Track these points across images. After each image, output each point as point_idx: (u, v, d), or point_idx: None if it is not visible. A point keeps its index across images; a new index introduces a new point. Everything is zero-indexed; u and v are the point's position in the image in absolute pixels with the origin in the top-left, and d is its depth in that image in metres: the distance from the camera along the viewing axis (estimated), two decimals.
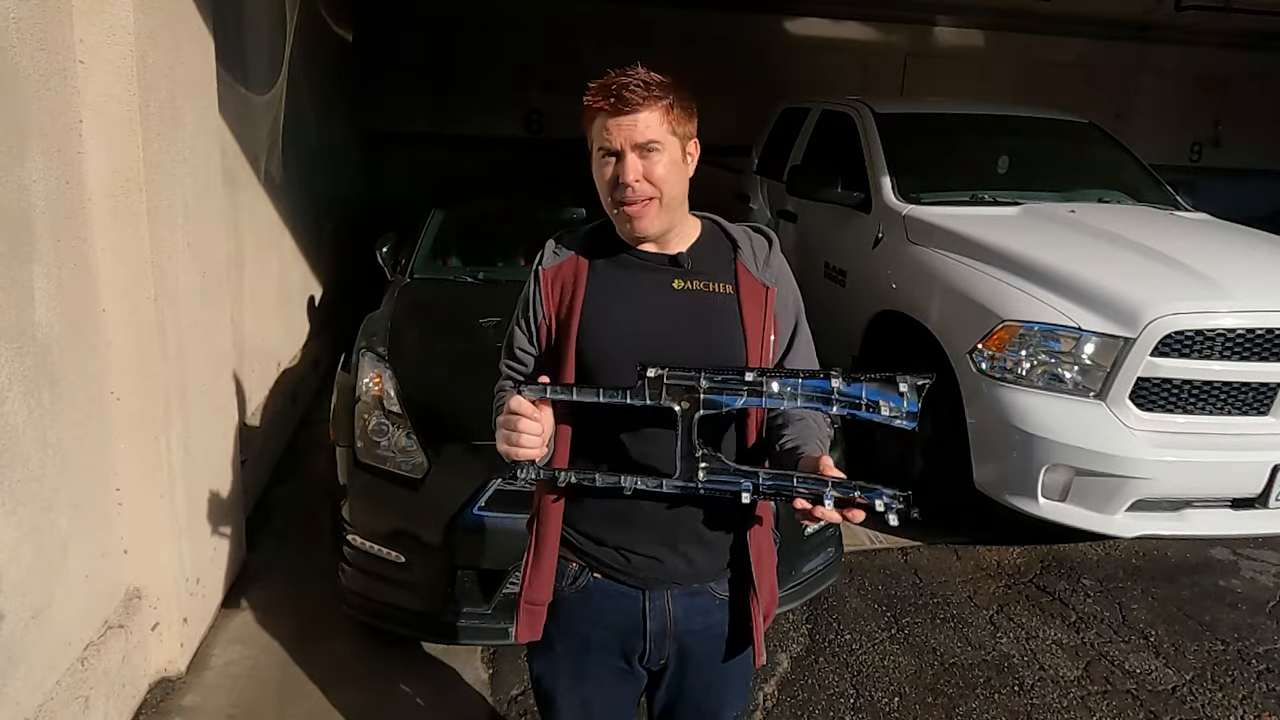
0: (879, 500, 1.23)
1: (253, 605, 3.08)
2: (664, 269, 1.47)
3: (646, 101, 1.36)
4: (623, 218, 1.42)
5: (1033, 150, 5.12)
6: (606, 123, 1.38)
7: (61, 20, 2.15)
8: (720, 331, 1.45)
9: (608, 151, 1.39)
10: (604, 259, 1.50)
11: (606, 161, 1.40)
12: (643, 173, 1.37)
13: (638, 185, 1.37)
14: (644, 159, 1.38)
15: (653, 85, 1.37)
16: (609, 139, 1.38)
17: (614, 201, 1.41)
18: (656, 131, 1.37)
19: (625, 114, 1.36)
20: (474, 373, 2.55)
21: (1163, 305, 3.24)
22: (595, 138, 1.41)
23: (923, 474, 3.88)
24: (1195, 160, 10.01)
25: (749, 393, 1.30)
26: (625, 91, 1.36)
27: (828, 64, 8.52)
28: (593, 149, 1.43)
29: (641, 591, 1.49)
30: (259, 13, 4.15)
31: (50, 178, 2.09)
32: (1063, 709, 2.77)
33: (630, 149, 1.37)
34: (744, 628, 1.55)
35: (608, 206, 1.44)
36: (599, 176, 1.42)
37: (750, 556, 1.51)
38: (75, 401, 2.23)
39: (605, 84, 1.39)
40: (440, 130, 8.21)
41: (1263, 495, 3.34)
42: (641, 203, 1.39)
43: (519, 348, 1.54)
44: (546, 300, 1.49)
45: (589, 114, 1.41)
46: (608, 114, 1.37)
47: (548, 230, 1.62)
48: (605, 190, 1.42)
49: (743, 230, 1.55)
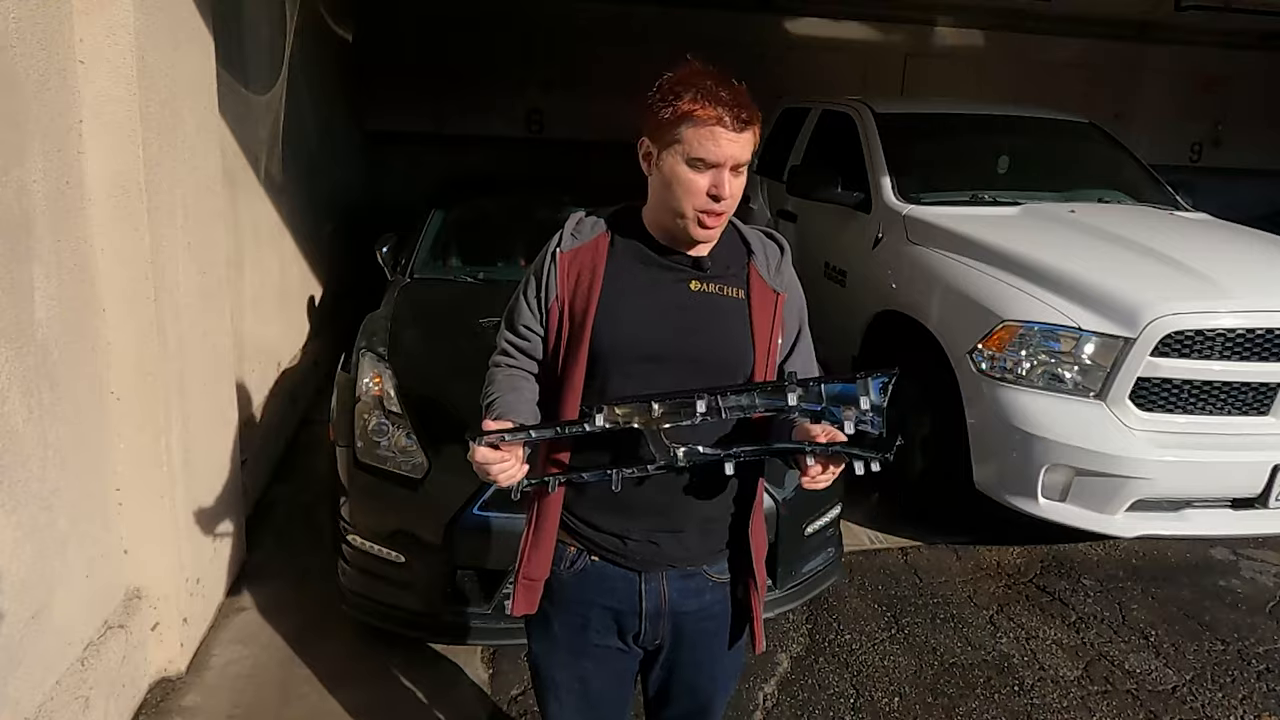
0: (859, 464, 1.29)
1: (253, 605, 3.08)
2: (684, 270, 1.49)
3: (753, 121, 1.39)
4: (695, 225, 1.42)
5: (1033, 150, 5.11)
6: (717, 135, 1.36)
7: (61, 20, 2.15)
8: (731, 335, 1.48)
9: (707, 163, 1.37)
10: (625, 252, 1.50)
11: (699, 171, 1.38)
12: (730, 190, 1.39)
13: (728, 202, 1.39)
14: (735, 176, 1.40)
15: (753, 105, 1.39)
16: (714, 151, 1.36)
17: (695, 210, 1.41)
18: (749, 152, 1.40)
19: (740, 131, 1.37)
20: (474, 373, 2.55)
21: (1163, 305, 3.24)
22: (686, 142, 1.38)
23: (923, 474, 3.88)
24: (1195, 160, 10.00)
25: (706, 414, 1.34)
26: (740, 109, 1.36)
27: (828, 64, 8.51)
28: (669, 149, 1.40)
29: (638, 573, 1.53)
30: (259, 13, 4.15)
31: (50, 178, 2.09)
32: (1063, 709, 2.77)
33: (730, 166, 1.38)
34: (739, 610, 1.60)
35: (681, 211, 1.42)
36: (683, 182, 1.39)
37: (750, 542, 1.55)
38: (75, 401, 2.23)
39: (711, 92, 1.36)
40: (440, 130, 8.21)
41: (1263, 495, 3.34)
42: (722, 216, 1.42)
43: (524, 324, 1.55)
44: (562, 284, 1.49)
45: (682, 116, 1.37)
46: (720, 126, 1.36)
47: (548, 230, 1.61)
48: (687, 197, 1.40)
49: (758, 236, 1.58)
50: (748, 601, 1.59)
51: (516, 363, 1.57)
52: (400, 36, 7.81)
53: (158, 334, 2.46)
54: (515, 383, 1.55)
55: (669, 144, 1.40)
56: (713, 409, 1.33)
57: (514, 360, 1.57)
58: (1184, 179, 5.47)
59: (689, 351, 1.45)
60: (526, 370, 1.57)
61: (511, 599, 1.58)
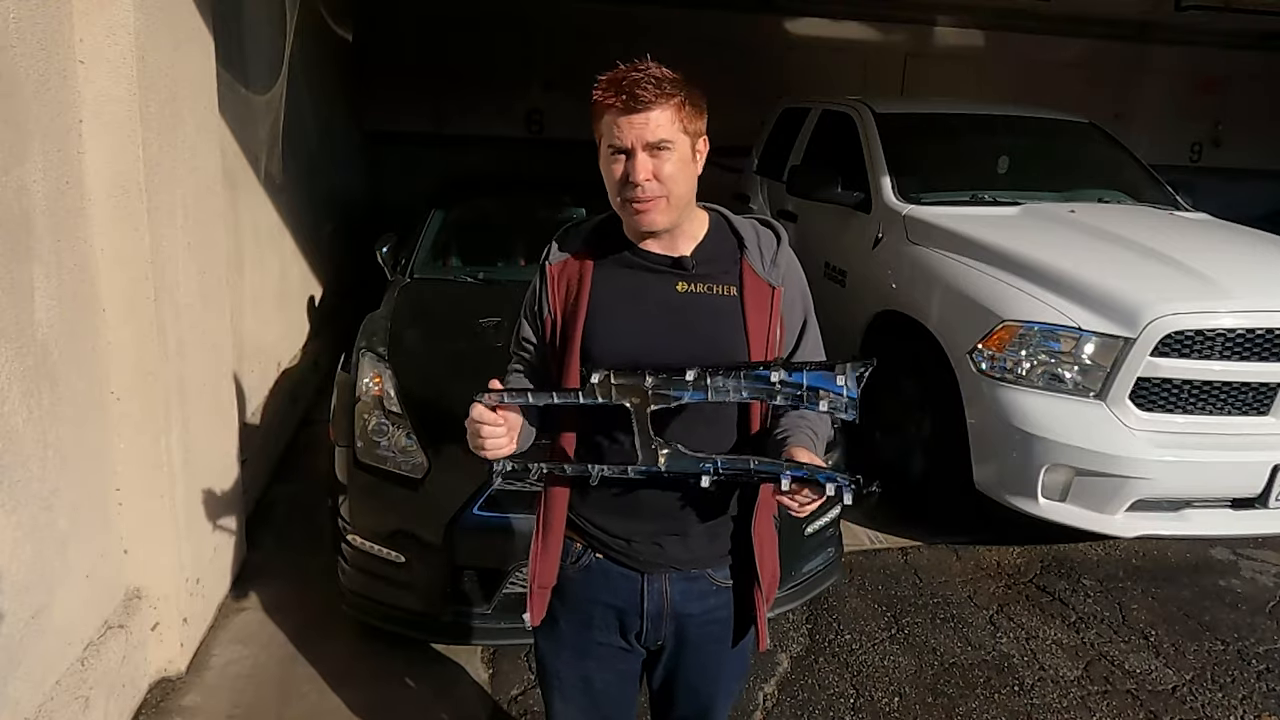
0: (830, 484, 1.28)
1: (253, 605, 3.08)
2: (668, 271, 1.47)
3: (658, 99, 1.34)
4: (630, 214, 1.42)
5: (1033, 150, 5.11)
6: (617, 120, 1.35)
7: (61, 20, 2.15)
8: (723, 334, 1.45)
9: (617, 149, 1.37)
10: (609, 258, 1.50)
11: (616, 159, 1.38)
12: (652, 171, 1.36)
13: (647, 184, 1.37)
14: (654, 157, 1.37)
15: (664, 82, 1.36)
16: (619, 137, 1.36)
17: (622, 199, 1.41)
18: (668, 130, 1.36)
19: (636, 112, 1.34)
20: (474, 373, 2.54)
21: (1163, 305, 3.24)
22: (604, 134, 1.39)
23: (923, 474, 3.88)
24: (1195, 160, 10.00)
25: (694, 388, 1.34)
26: (637, 89, 1.34)
27: (828, 64, 8.51)
28: (601, 144, 1.42)
29: (640, 574, 1.53)
30: (259, 13, 4.15)
31: (50, 178, 2.09)
32: (1063, 709, 2.77)
33: (641, 148, 1.36)
34: (743, 614, 1.60)
35: (615, 203, 1.44)
36: (607, 173, 1.41)
37: (753, 545, 1.54)
38: (75, 401, 2.23)
39: (616, 79, 1.36)
40: (440, 130, 8.21)
41: (1263, 495, 3.34)
42: (650, 201, 1.39)
43: (525, 340, 1.59)
44: (552, 296, 1.51)
45: (598, 109, 1.39)
46: (619, 111, 1.35)
47: (548, 230, 1.62)
48: (614, 187, 1.41)
49: (751, 226, 1.54)
50: (752, 602, 1.58)
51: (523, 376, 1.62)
52: (400, 36, 7.81)
53: (158, 334, 2.46)
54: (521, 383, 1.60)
55: (598, 139, 1.42)
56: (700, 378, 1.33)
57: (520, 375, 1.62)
58: (1184, 179, 5.47)
59: (680, 355, 1.42)
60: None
61: (529, 611, 1.59)
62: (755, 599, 1.57)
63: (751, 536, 1.54)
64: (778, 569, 1.64)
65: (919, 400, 3.90)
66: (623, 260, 1.49)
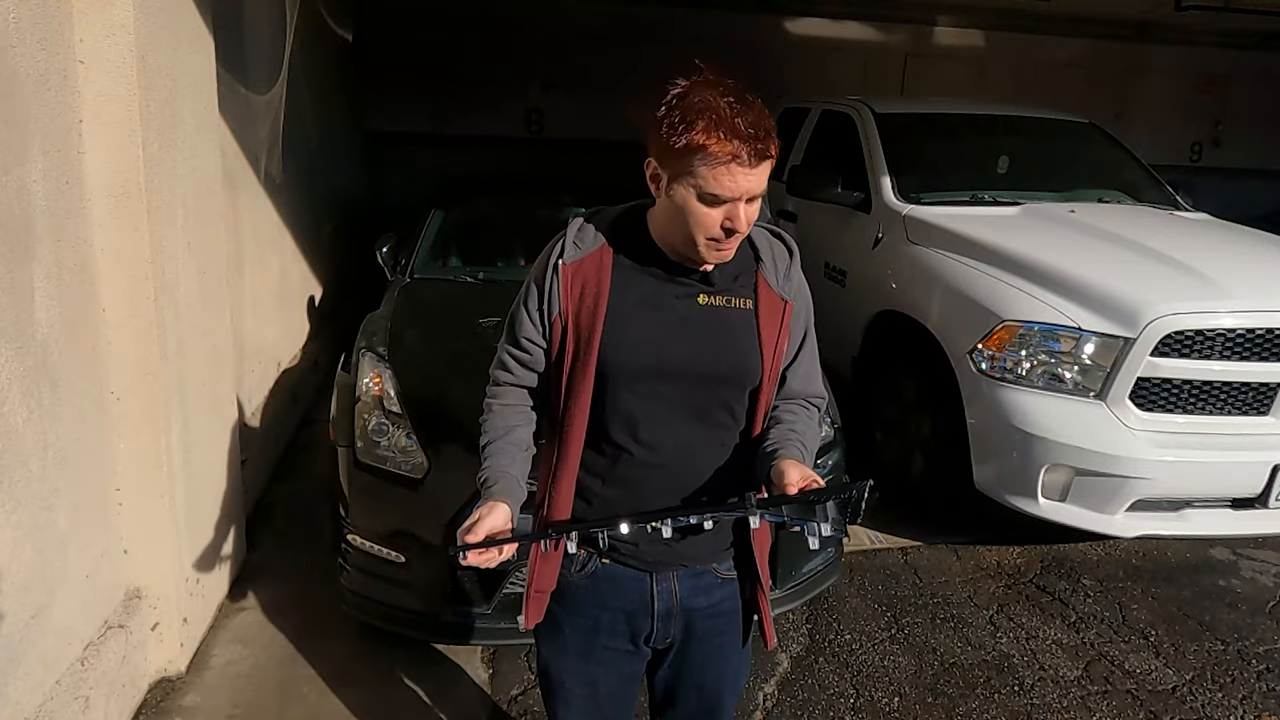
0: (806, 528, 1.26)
1: (253, 605, 3.08)
2: (692, 284, 1.45)
3: (769, 151, 1.30)
4: (707, 252, 1.37)
5: (1033, 150, 5.12)
6: (734, 172, 1.27)
7: (61, 20, 2.15)
8: (738, 346, 1.46)
9: (720, 199, 1.30)
10: (630, 263, 1.45)
11: (715, 206, 1.31)
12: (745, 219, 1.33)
13: (743, 232, 1.35)
14: (748, 205, 1.33)
15: (771, 127, 1.30)
16: (729, 188, 1.29)
17: (710, 241, 1.35)
18: (765, 179, 1.33)
19: (754, 166, 1.28)
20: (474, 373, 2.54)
21: (1163, 305, 3.24)
22: (702, 177, 1.29)
23: (923, 474, 3.88)
24: (1195, 160, 10.00)
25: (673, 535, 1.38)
26: (758, 140, 1.27)
27: (828, 64, 8.51)
28: (683, 179, 1.31)
29: (648, 574, 1.52)
30: (259, 13, 4.15)
31: (50, 178, 2.09)
32: (1063, 709, 2.77)
33: (745, 200, 1.32)
34: (746, 607, 1.61)
35: (692, 240, 1.36)
36: (695, 214, 1.32)
37: (753, 542, 1.55)
38: (75, 401, 2.23)
39: (729, 123, 1.25)
40: (440, 130, 8.21)
41: (1263, 495, 3.34)
42: (733, 243, 1.37)
43: (526, 337, 1.51)
44: (565, 297, 1.44)
45: (693, 149, 1.27)
46: (737, 164, 1.27)
47: (548, 230, 1.59)
48: (699, 230, 1.34)
49: (765, 238, 1.53)
50: (755, 598, 1.59)
51: (515, 380, 1.55)
52: (400, 36, 7.81)
53: (158, 334, 2.46)
54: (510, 420, 1.54)
55: (680, 174, 1.31)
56: (679, 528, 1.35)
57: (513, 378, 1.55)
58: (1184, 179, 5.47)
59: (698, 367, 1.43)
60: (525, 387, 1.55)
61: (524, 614, 1.57)
62: (758, 591, 1.59)
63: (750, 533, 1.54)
64: (767, 568, 1.64)
65: (919, 400, 3.90)
66: (645, 265, 1.45)
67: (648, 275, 1.45)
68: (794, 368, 1.57)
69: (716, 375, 1.45)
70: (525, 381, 1.55)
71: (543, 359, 1.52)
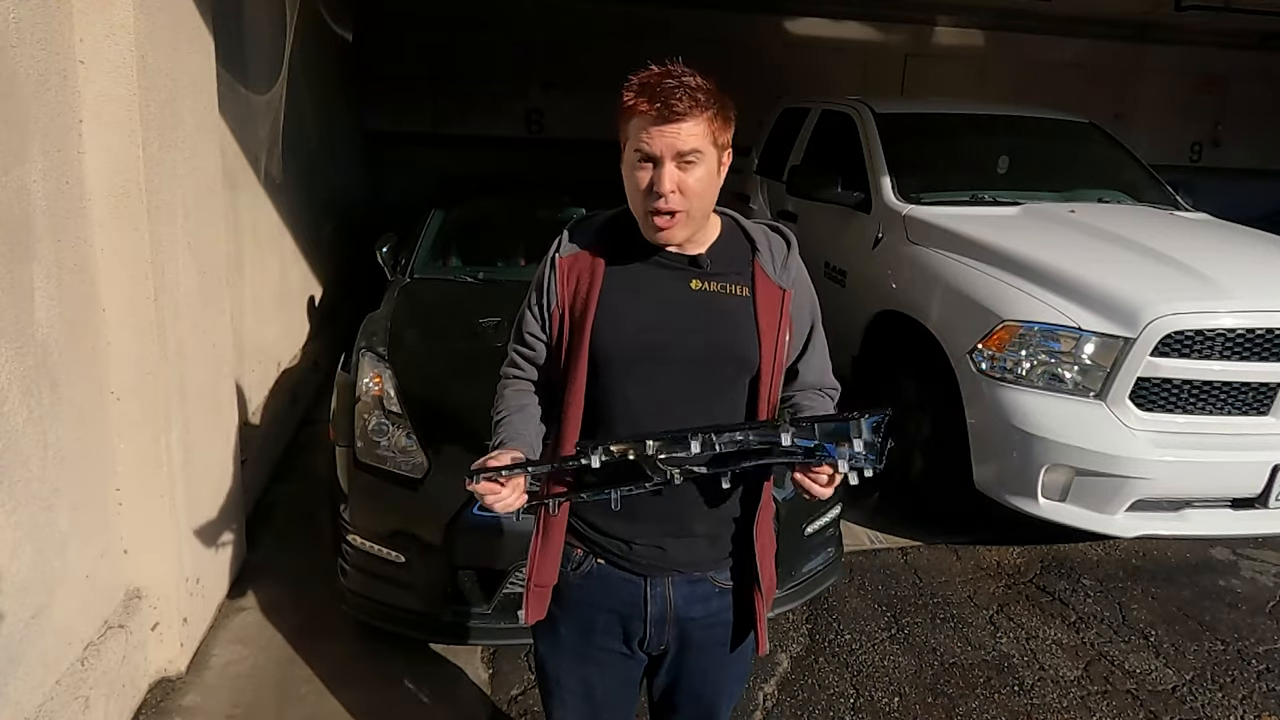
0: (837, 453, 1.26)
1: (253, 605, 3.08)
2: (682, 269, 1.47)
3: (692, 110, 1.33)
4: (650, 226, 1.41)
5: (1033, 150, 5.12)
6: (649, 128, 1.34)
7: (61, 20, 2.15)
8: (734, 333, 1.46)
9: (645, 156, 1.36)
10: (624, 253, 1.49)
11: (642, 166, 1.37)
12: (678, 183, 1.36)
13: (672, 196, 1.36)
14: (681, 168, 1.36)
15: (699, 92, 1.34)
16: (649, 145, 1.34)
17: (644, 209, 1.39)
18: (698, 141, 1.35)
19: (669, 122, 1.32)
20: (474, 373, 2.55)
21: (1163, 305, 3.24)
22: (631, 138, 1.37)
23: (923, 474, 3.88)
24: (1195, 160, 10.01)
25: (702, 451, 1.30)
26: (672, 99, 1.31)
27: (828, 64, 8.52)
28: (626, 147, 1.40)
29: (643, 578, 1.52)
30: (259, 13, 4.15)
31: (50, 178, 2.09)
32: (1063, 709, 2.77)
33: (670, 157, 1.34)
34: (744, 617, 1.59)
35: (637, 210, 1.42)
36: (631, 178, 1.39)
37: (755, 548, 1.54)
38: (75, 401, 2.23)
39: (650, 84, 1.34)
40: (440, 130, 8.22)
41: (1263, 495, 3.34)
42: (673, 215, 1.38)
43: (529, 333, 1.55)
44: (562, 289, 1.49)
45: (628, 112, 1.36)
46: (651, 119, 1.33)
47: (548, 230, 1.61)
48: (633, 194, 1.40)
49: (762, 230, 1.55)
50: (752, 605, 1.58)
51: (523, 374, 1.58)
52: (400, 36, 7.82)
53: (158, 334, 2.46)
54: (522, 400, 1.56)
55: (625, 141, 1.39)
56: (707, 445, 1.30)
57: (521, 372, 1.58)
58: (1184, 179, 5.47)
59: (690, 351, 1.44)
60: (532, 381, 1.58)
61: (524, 609, 1.57)
62: (755, 602, 1.57)
63: (753, 538, 1.54)
64: (774, 575, 1.63)
65: (919, 400, 3.90)
66: (637, 256, 1.48)
67: (640, 264, 1.48)
68: (805, 360, 1.57)
69: (710, 359, 1.45)
70: (530, 377, 1.59)
71: (545, 353, 1.55)
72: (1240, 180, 9.38)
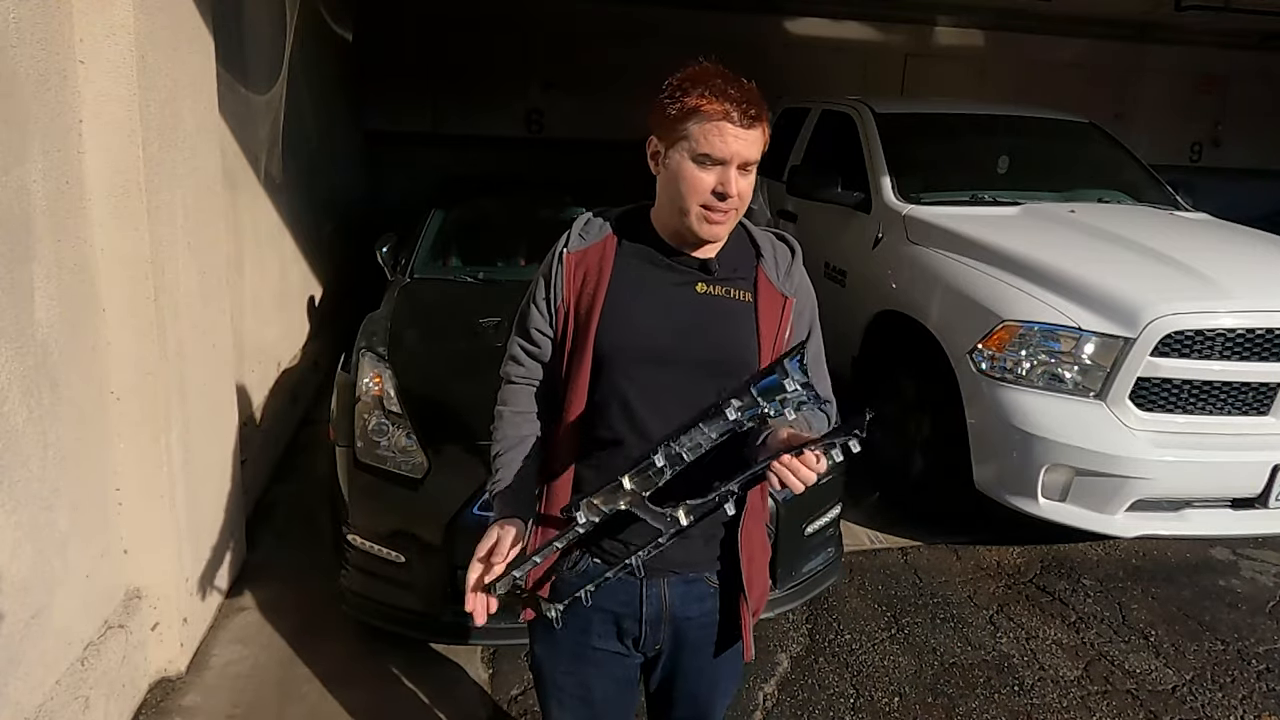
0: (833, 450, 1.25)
1: (253, 605, 3.08)
2: (691, 271, 1.48)
3: (760, 118, 1.37)
4: (701, 222, 1.41)
5: (1033, 150, 5.12)
6: (724, 131, 1.35)
7: (61, 20, 2.15)
8: (736, 338, 1.47)
9: (712, 159, 1.37)
10: (632, 253, 1.49)
11: (708, 168, 1.38)
12: (738, 187, 1.38)
13: (735, 200, 1.38)
14: (741, 174, 1.38)
15: (763, 104, 1.38)
16: (721, 149, 1.35)
17: (701, 208, 1.40)
18: (758, 150, 1.39)
19: (744, 128, 1.35)
20: (474, 373, 2.55)
21: (1163, 305, 3.24)
22: (695, 138, 1.37)
23: (923, 474, 3.88)
24: (1195, 160, 10.01)
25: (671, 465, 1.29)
26: (748, 105, 1.35)
27: (828, 64, 8.52)
28: (675, 144, 1.39)
29: (639, 579, 1.51)
30: (259, 13, 4.15)
31: (50, 178, 2.09)
32: (1063, 709, 2.77)
33: (737, 163, 1.37)
34: (730, 620, 1.58)
35: (687, 208, 1.41)
36: (689, 177, 1.39)
37: (740, 554, 1.53)
38: (75, 401, 2.23)
39: (722, 88, 1.35)
40: (440, 130, 8.21)
41: (1263, 495, 3.34)
42: (728, 214, 1.40)
43: (535, 328, 1.54)
44: (568, 285, 1.48)
45: (692, 113, 1.36)
46: (729, 122, 1.35)
47: (548, 230, 1.61)
48: (693, 194, 1.39)
49: (769, 238, 1.56)
50: (737, 609, 1.57)
51: (526, 375, 1.57)
52: (400, 36, 7.82)
53: (158, 334, 2.46)
54: (521, 429, 1.55)
55: (676, 140, 1.39)
56: (672, 457, 1.29)
57: (524, 370, 1.57)
58: (1184, 179, 5.47)
59: (693, 354, 1.44)
60: (536, 382, 1.57)
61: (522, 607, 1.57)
62: (740, 607, 1.55)
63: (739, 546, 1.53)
64: (767, 579, 1.63)
65: (919, 400, 3.90)
66: (647, 256, 1.49)
67: (648, 264, 1.48)
68: None
69: (710, 362, 1.45)
70: (535, 375, 1.57)
71: (549, 349, 1.54)
72: (1240, 180, 9.38)
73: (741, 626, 1.57)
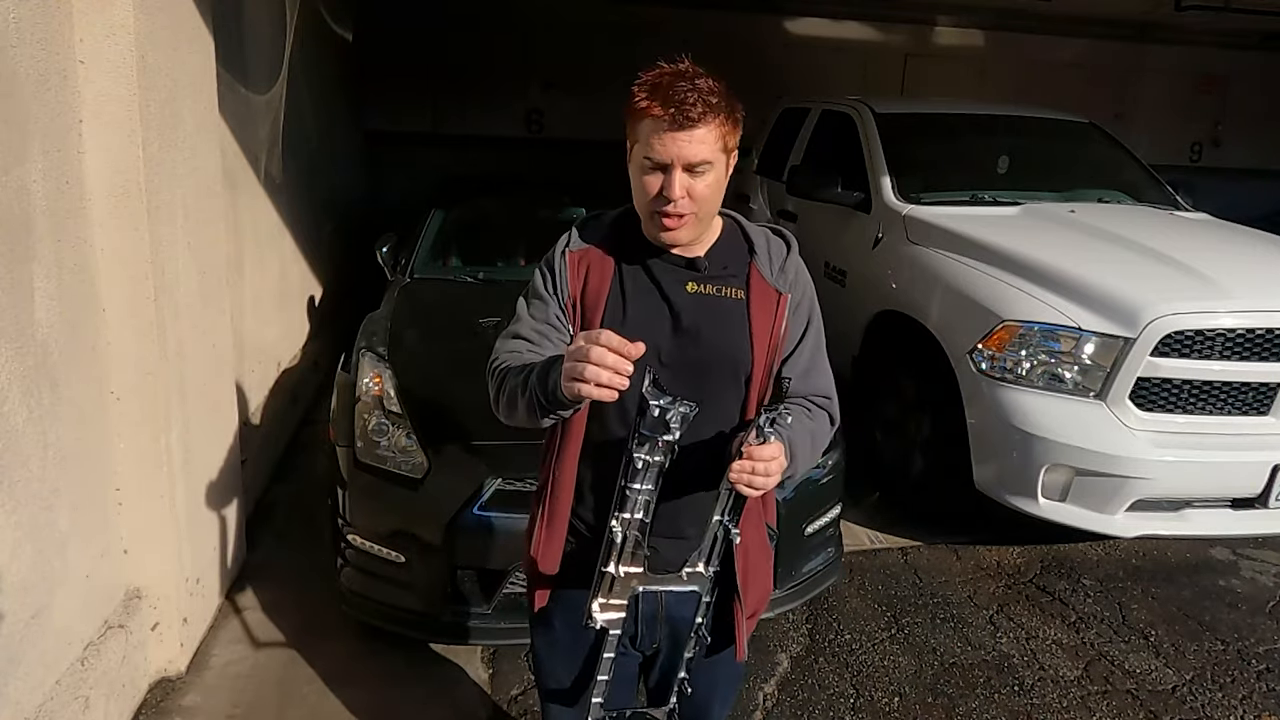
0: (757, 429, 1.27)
1: (253, 605, 3.08)
2: (679, 270, 1.47)
3: (705, 117, 1.31)
4: (656, 226, 1.40)
5: (1033, 150, 5.12)
6: (662, 134, 1.31)
7: (61, 20, 2.15)
8: (728, 336, 1.46)
9: (655, 163, 1.34)
10: (626, 255, 1.49)
11: (652, 173, 1.35)
12: (687, 190, 1.34)
13: (681, 202, 1.35)
14: (691, 175, 1.34)
15: (712, 96, 1.31)
16: (659, 152, 1.32)
17: (651, 210, 1.39)
18: (709, 151, 1.33)
19: (681, 129, 1.30)
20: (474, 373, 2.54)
21: (1163, 305, 3.24)
22: (641, 141, 1.35)
23: (923, 474, 3.88)
24: (1195, 160, 10.01)
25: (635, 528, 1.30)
26: (686, 105, 1.29)
27: (828, 64, 8.52)
28: (633, 149, 1.38)
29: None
30: (259, 13, 4.15)
31: (50, 178, 2.09)
32: (1063, 709, 2.77)
33: (680, 166, 1.33)
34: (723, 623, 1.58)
35: (641, 209, 1.42)
36: (639, 181, 1.38)
37: (735, 556, 1.52)
38: (75, 401, 2.23)
39: (662, 88, 1.31)
40: (440, 130, 8.22)
41: (1263, 495, 3.34)
42: (681, 218, 1.37)
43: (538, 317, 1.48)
44: (573, 281, 1.48)
45: (637, 114, 1.34)
46: (664, 125, 1.31)
47: (548, 230, 1.61)
48: (641, 197, 1.39)
49: (763, 233, 1.55)
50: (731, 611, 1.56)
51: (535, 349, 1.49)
52: (400, 36, 7.82)
53: (158, 334, 2.46)
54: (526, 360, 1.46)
55: (633, 144, 1.38)
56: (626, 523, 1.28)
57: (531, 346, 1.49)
58: (1184, 179, 5.47)
59: (687, 355, 1.44)
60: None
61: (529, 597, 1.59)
62: (734, 610, 1.55)
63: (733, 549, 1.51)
64: (769, 582, 1.62)
65: (919, 400, 3.90)
66: (639, 257, 1.48)
67: (641, 266, 1.48)
68: (791, 363, 1.53)
69: (704, 363, 1.45)
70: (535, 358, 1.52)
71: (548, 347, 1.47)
72: (1240, 180, 9.38)
73: (735, 629, 1.57)
